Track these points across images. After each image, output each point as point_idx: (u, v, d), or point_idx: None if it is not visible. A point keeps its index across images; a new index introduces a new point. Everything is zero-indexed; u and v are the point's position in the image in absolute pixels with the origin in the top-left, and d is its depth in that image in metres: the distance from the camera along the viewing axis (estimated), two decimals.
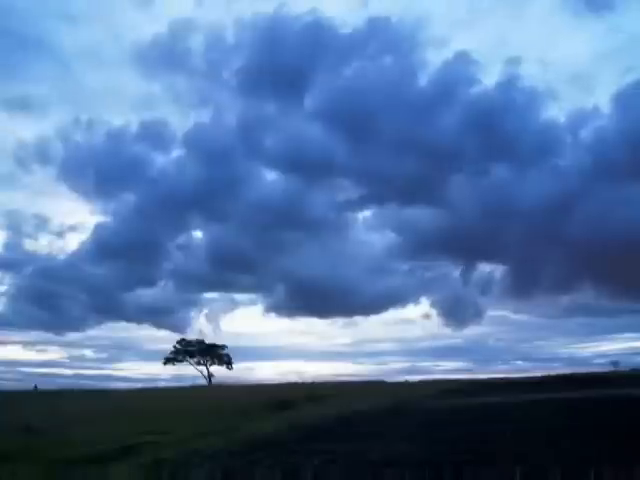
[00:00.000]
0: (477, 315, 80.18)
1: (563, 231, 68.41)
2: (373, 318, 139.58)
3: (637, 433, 9.54)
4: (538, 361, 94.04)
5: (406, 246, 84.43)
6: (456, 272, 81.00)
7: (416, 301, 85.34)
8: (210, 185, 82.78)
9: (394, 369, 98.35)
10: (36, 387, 51.58)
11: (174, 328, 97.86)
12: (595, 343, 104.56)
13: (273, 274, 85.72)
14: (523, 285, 77.10)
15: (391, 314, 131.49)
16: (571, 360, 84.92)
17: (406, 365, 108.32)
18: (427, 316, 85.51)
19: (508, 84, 71.25)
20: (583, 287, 74.54)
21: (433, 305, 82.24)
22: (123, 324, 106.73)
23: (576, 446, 8.07)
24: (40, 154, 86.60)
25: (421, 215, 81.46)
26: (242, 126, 79.36)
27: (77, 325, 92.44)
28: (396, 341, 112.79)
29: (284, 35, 71.45)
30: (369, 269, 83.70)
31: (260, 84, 77.49)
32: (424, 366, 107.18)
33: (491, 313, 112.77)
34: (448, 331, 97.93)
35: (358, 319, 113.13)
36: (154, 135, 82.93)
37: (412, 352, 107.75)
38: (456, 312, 79.54)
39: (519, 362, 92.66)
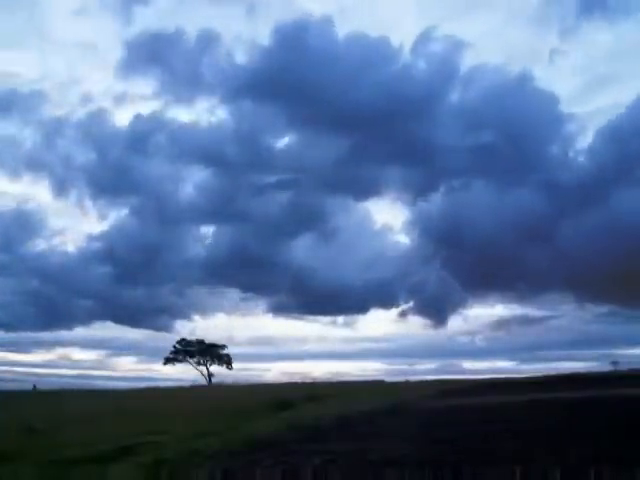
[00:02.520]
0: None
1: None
2: (374, 317, 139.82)
3: (637, 433, 9.54)
4: None
5: (407, 244, 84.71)
6: (451, 270, 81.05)
7: (417, 299, 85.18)
8: (208, 186, 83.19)
9: (394, 369, 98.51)
10: (35, 387, 51.59)
11: (174, 328, 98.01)
12: None
13: (273, 274, 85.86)
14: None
15: (391, 313, 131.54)
16: None
17: (406, 365, 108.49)
18: (404, 314, 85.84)
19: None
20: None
21: (417, 303, 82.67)
22: (122, 324, 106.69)
23: (576, 446, 8.06)
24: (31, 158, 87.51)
25: (423, 213, 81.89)
26: (241, 129, 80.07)
27: (77, 325, 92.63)
28: (396, 340, 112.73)
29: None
30: (370, 267, 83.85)
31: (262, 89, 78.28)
32: (425, 366, 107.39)
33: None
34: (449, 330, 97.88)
35: (358, 318, 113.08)
36: (151, 140, 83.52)
37: (413, 352, 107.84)
38: (437, 310, 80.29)
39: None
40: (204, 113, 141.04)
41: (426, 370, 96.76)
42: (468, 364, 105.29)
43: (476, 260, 77.84)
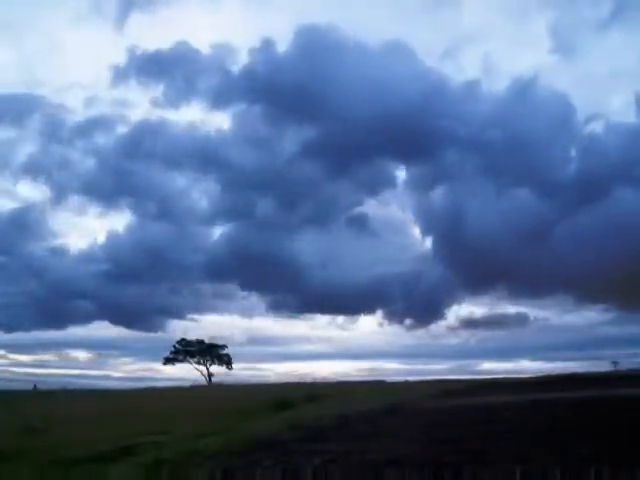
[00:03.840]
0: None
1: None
2: (374, 316, 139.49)
3: (637, 433, 9.53)
4: None
5: (408, 243, 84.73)
6: (452, 270, 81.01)
7: (416, 299, 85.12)
8: (208, 186, 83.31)
9: (394, 369, 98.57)
10: (35, 387, 51.68)
11: (174, 328, 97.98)
12: None
13: (273, 273, 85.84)
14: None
15: (392, 312, 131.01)
16: None
17: (407, 365, 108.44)
18: (404, 313, 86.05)
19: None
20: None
21: (417, 302, 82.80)
22: (122, 324, 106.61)
23: (576, 446, 8.05)
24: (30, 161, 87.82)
25: (425, 211, 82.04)
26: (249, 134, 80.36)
27: (77, 325, 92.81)
28: (396, 340, 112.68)
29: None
30: (370, 266, 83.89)
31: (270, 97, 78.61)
32: (425, 366, 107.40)
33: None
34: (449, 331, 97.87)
35: (359, 317, 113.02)
36: (149, 143, 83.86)
37: (413, 352, 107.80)
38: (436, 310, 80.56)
39: None
40: (204, 117, 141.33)
41: (427, 370, 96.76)
42: (468, 364, 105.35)
43: (477, 260, 77.98)
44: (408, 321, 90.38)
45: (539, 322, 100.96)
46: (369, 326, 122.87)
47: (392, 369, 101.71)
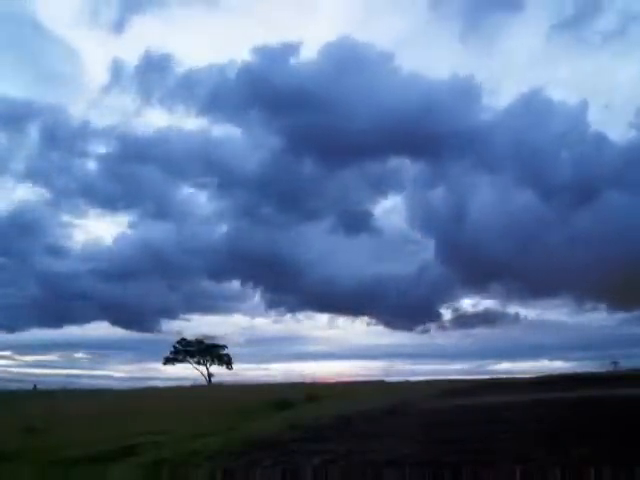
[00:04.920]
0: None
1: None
2: (374, 316, 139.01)
3: (637, 433, 9.53)
4: None
5: (411, 244, 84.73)
6: (451, 269, 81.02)
7: (414, 300, 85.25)
8: (207, 186, 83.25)
9: (394, 369, 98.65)
10: (35, 387, 51.70)
11: (174, 328, 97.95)
12: None
13: (273, 273, 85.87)
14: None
15: (391, 312, 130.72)
16: None
17: (407, 365, 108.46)
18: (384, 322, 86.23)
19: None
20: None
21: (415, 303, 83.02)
22: (122, 324, 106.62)
23: (576, 446, 8.05)
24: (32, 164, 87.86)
25: (425, 210, 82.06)
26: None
27: (77, 325, 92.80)
28: (397, 340, 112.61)
29: None
30: (370, 266, 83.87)
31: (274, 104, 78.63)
32: (427, 367, 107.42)
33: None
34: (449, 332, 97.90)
35: (359, 317, 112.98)
36: (156, 148, 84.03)
37: (414, 352, 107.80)
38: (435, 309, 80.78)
39: None
40: (206, 118, 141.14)
41: (429, 370, 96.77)
42: (471, 364, 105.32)
43: (477, 260, 77.95)
44: (409, 321, 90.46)
45: (540, 322, 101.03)
46: (369, 326, 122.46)
47: (394, 369, 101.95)
